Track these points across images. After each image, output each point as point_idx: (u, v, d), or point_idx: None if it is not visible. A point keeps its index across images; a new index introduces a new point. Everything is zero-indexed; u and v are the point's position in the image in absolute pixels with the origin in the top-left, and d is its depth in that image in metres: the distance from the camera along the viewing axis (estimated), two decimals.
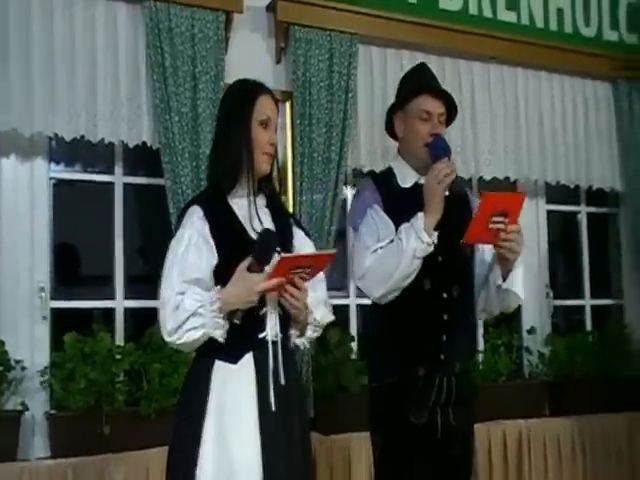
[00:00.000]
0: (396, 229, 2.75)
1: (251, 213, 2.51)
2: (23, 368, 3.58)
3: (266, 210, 2.60)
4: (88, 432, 3.43)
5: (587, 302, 5.33)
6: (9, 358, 3.54)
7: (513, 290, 2.81)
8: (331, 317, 2.71)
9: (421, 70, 3.05)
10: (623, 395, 4.84)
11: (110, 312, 3.90)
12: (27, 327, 3.67)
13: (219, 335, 2.39)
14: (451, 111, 2.95)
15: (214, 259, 2.45)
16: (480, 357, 4.61)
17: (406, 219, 2.72)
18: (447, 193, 2.74)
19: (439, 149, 2.78)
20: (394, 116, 2.98)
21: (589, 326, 5.28)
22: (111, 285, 3.91)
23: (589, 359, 4.87)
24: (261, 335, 2.45)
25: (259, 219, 2.51)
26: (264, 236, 2.41)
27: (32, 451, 3.57)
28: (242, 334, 2.42)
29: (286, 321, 2.51)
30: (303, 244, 2.67)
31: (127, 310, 3.90)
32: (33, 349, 3.66)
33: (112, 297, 3.89)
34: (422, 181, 2.83)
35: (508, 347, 4.73)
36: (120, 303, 3.88)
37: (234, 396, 2.40)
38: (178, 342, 2.41)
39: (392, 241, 2.73)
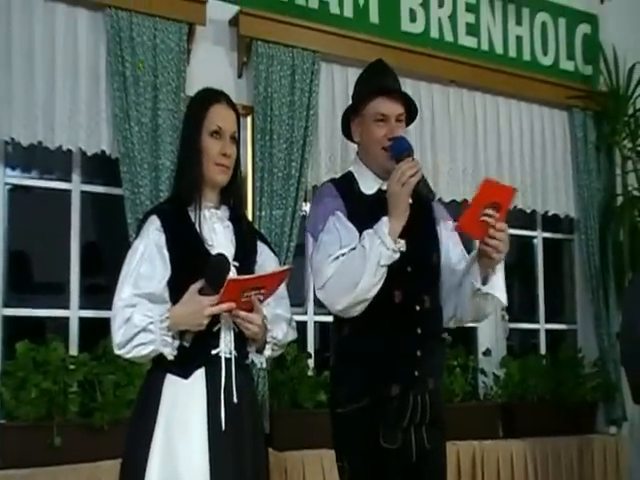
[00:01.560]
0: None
1: (201, 224, 2.47)
2: None
3: (228, 223, 2.56)
4: (39, 443, 3.35)
5: (542, 326, 5.38)
6: None
7: (494, 294, 2.57)
8: (293, 335, 2.66)
9: (376, 69, 2.84)
10: (575, 418, 4.91)
11: (64, 321, 3.83)
12: None
13: (168, 353, 2.36)
14: (411, 109, 2.77)
15: (167, 272, 2.41)
16: None
17: (370, 227, 2.53)
18: (410, 201, 2.54)
19: (400, 149, 2.60)
20: (351, 120, 2.81)
21: (543, 350, 5.32)
22: (66, 294, 3.85)
23: (542, 382, 4.91)
24: (214, 351, 2.41)
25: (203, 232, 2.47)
26: (215, 262, 2.37)
27: None
28: (195, 349, 2.38)
29: (242, 337, 2.46)
30: (267, 260, 2.64)
31: (82, 320, 3.83)
32: None
33: (67, 306, 3.82)
34: (385, 187, 2.63)
35: (464, 368, 4.73)
36: (75, 312, 3.81)
37: (183, 412, 2.36)
38: (127, 356, 2.38)
39: (354, 248, 2.52)
